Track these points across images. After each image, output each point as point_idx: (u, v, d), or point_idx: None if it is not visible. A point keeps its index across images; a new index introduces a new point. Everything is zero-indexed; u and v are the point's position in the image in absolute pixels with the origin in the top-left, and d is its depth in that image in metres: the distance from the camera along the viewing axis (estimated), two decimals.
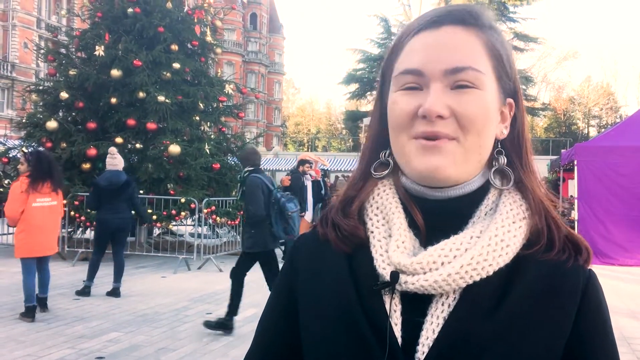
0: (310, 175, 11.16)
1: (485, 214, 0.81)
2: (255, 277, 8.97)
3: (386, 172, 0.85)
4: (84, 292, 7.45)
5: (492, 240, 0.76)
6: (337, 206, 0.88)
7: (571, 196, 14.04)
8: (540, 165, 28.09)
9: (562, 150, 15.55)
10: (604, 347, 0.79)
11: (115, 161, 7.70)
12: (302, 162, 11.08)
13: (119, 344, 5.40)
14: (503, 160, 0.83)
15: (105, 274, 7.89)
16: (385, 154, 0.86)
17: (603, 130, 40.94)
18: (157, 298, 7.40)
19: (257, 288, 8.25)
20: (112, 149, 7.98)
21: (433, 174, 0.77)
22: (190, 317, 6.47)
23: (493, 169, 0.83)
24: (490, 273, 0.76)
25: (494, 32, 0.82)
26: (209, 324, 5.83)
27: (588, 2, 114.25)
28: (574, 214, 12.21)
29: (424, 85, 0.78)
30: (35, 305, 6.17)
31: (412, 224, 0.81)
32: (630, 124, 12.67)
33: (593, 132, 57.89)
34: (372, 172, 0.86)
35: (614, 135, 12.44)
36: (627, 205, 11.06)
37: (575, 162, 11.76)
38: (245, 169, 6.11)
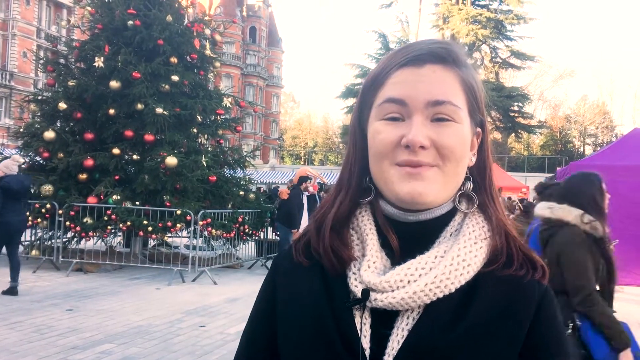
0: (308, 190, 11.19)
1: (451, 235, 0.87)
2: (248, 292, 8.97)
3: (369, 198, 0.90)
4: (12, 292, 7.77)
5: (454, 260, 0.83)
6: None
7: None
8: (535, 183, 28.06)
9: (558, 168, 15.60)
10: (559, 356, 0.85)
11: (16, 167, 8.16)
12: (304, 179, 11.09)
13: (112, 356, 5.38)
14: (469, 185, 0.89)
15: (88, 279, 7.84)
16: (366, 179, 0.91)
17: (598, 148, 41.13)
18: (151, 310, 7.39)
19: (251, 302, 8.24)
20: (18, 157, 8.57)
21: (416, 199, 0.83)
22: (184, 330, 6.46)
23: (459, 193, 0.89)
24: (452, 290, 0.82)
25: (468, 69, 0.88)
26: None
27: (585, 22, 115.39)
28: None
29: (406, 116, 0.83)
30: None
31: (385, 244, 0.87)
32: (625, 143, 12.75)
33: (589, 150, 58.04)
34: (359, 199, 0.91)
35: (609, 154, 12.51)
36: (622, 224, 11.09)
37: None
38: None
